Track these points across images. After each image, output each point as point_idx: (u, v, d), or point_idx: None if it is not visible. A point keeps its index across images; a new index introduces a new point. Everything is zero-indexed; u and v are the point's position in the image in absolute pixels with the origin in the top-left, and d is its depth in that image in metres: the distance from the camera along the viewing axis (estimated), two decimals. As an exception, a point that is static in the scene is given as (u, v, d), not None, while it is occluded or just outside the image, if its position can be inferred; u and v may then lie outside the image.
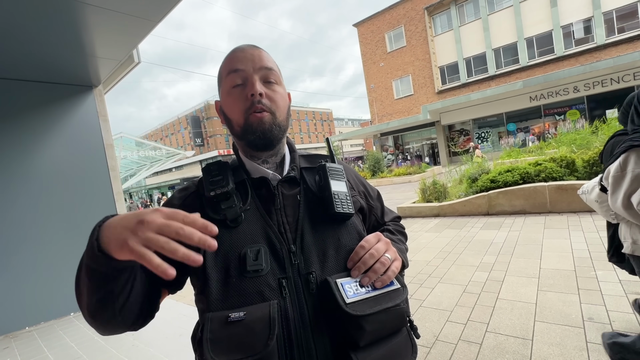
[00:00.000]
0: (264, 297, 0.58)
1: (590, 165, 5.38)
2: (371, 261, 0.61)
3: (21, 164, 3.79)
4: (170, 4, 2.91)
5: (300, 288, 0.61)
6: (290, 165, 0.75)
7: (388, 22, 23.69)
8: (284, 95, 0.72)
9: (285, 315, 0.58)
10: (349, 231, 0.68)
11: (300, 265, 0.62)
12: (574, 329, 2.15)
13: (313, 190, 0.71)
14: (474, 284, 3.09)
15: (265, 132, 0.67)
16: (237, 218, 0.64)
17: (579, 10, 17.02)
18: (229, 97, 0.68)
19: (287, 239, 0.64)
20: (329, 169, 0.72)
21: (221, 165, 0.72)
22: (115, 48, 3.48)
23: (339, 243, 0.65)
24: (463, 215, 6.14)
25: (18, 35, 2.86)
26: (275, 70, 0.71)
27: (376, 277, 0.60)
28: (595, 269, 2.98)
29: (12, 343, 3.33)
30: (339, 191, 0.69)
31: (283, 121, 0.70)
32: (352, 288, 0.59)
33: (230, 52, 0.71)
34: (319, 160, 0.77)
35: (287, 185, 0.71)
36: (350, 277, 0.61)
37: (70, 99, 4.19)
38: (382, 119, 24.85)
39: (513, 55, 19.31)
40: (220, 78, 0.72)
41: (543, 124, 17.74)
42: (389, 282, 0.61)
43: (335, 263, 0.63)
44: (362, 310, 0.55)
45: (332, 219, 0.67)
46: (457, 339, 2.25)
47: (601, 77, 15.43)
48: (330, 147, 0.80)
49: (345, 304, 0.56)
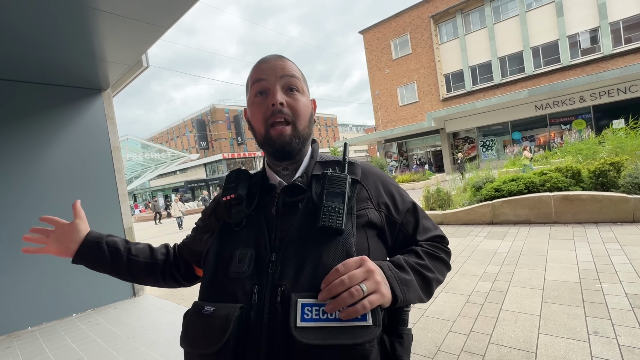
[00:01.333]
0: (237, 298, 0.59)
1: (597, 175, 5.34)
2: (340, 288, 0.52)
3: (29, 164, 3.84)
4: (180, 11, 2.96)
5: (268, 299, 0.58)
6: (302, 172, 0.74)
7: (394, 30, 23.84)
8: (307, 103, 0.73)
9: (247, 322, 0.57)
10: (336, 249, 0.60)
11: (275, 275, 0.60)
12: (578, 342, 2.12)
13: (314, 200, 0.67)
14: (477, 294, 3.06)
15: (284, 145, 0.69)
16: (240, 222, 0.69)
17: (585, 20, 17.01)
18: (252, 106, 0.72)
19: (273, 246, 0.64)
20: (329, 178, 0.67)
21: (239, 173, 0.78)
22: (125, 53, 3.54)
23: (319, 260, 0.59)
24: (467, 223, 6.10)
25: (31, 39, 2.92)
26: (299, 77, 0.72)
27: (341, 307, 0.52)
28: (601, 282, 2.94)
29: (15, 343, 3.35)
30: (332, 204, 0.63)
31: (304, 129, 0.71)
32: (312, 312, 0.53)
33: (256, 63, 0.73)
34: (328, 168, 0.71)
35: (290, 192, 0.70)
36: (316, 300, 0.54)
37: (79, 101, 4.26)
38: (386, 125, 24.88)
39: (519, 64, 19.29)
40: (247, 88, 0.75)
41: (548, 133, 17.64)
42: (357, 316, 0.52)
43: (308, 281, 0.58)
44: (310, 338, 0.50)
45: (320, 233, 0.62)
46: (460, 350, 2.22)
47: (608, 87, 15.35)
48: (345, 153, 0.73)
49: (295, 326, 0.52)
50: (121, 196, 4.47)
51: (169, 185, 48.77)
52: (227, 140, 44.93)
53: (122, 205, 4.46)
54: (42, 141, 3.95)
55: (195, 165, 44.54)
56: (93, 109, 4.35)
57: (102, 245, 0.84)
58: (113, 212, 4.37)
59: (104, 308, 4.13)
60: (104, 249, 0.84)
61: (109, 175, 4.39)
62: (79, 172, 4.14)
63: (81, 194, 4.11)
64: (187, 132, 49.87)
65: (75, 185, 4.07)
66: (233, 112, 46.11)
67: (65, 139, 4.11)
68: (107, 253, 0.84)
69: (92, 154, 4.30)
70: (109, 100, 4.52)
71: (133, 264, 0.86)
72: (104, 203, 4.30)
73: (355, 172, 0.72)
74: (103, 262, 0.84)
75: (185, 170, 46.66)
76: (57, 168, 4.00)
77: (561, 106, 16.79)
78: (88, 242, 0.84)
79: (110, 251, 0.85)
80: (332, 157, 0.78)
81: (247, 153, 45.14)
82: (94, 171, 4.27)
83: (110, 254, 0.84)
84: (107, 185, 4.36)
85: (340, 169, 0.70)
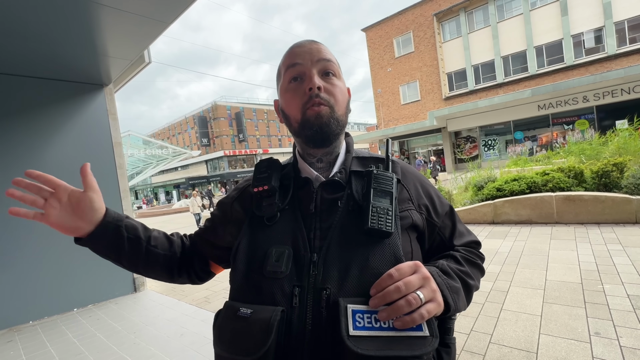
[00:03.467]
0: (275, 300, 0.55)
1: (599, 176, 5.31)
2: (395, 295, 0.49)
3: (31, 159, 3.84)
4: (182, 7, 2.94)
5: (311, 302, 0.55)
6: (340, 167, 0.69)
7: (397, 28, 23.73)
8: (343, 89, 0.69)
9: (288, 326, 0.53)
10: (383, 252, 0.57)
11: (317, 277, 0.56)
12: (580, 343, 2.11)
13: (356, 198, 0.63)
14: (478, 293, 3.06)
15: (322, 126, 0.64)
16: (273, 216, 0.64)
17: (590, 20, 16.89)
18: (287, 92, 0.67)
19: (313, 246, 0.60)
20: (375, 176, 0.63)
21: (271, 163, 0.72)
22: (127, 48, 3.53)
23: (367, 263, 0.56)
24: (468, 223, 6.09)
25: (33, 33, 2.91)
26: (334, 62, 0.68)
27: (396, 316, 0.49)
28: (602, 283, 2.93)
29: (16, 336, 3.36)
30: (380, 205, 0.59)
31: (342, 116, 0.67)
32: (363, 319, 0.50)
33: (289, 48, 0.69)
34: (371, 165, 0.68)
35: (330, 188, 0.66)
36: (367, 306, 0.51)
37: (81, 96, 4.25)
38: (388, 124, 24.82)
39: (522, 64, 19.19)
40: (279, 75, 0.71)
41: (551, 133, 17.57)
42: (413, 326, 0.49)
43: (356, 285, 0.54)
44: (365, 348, 0.47)
45: (366, 235, 0.58)
46: (460, 349, 2.22)
47: (611, 88, 15.25)
48: (388, 150, 0.69)
49: (348, 335, 0.48)
50: (122, 192, 4.47)
51: (170, 182, 48.89)
52: (228, 137, 44.94)
53: (124, 201, 4.47)
54: (44, 136, 3.95)
55: (196, 162, 44.62)
56: (95, 104, 4.34)
57: (122, 231, 0.70)
58: (114, 208, 4.36)
59: (104, 303, 4.15)
60: (123, 235, 0.70)
61: (110, 171, 4.40)
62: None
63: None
64: (189, 128, 49.91)
65: (77, 180, 4.03)
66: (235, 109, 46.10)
67: (67, 134, 4.10)
68: (126, 241, 0.70)
69: (94, 149, 4.30)
70: (111, 96, 4.51)
71: (151, 256, 0.74)
72: (105, 198, 4.26)
73: (396, 171, 0.70)
74: (118, 251, 0.70)
75: (186, 167, 46.75)
76: (59, 163, 4.01)
77: (564, 106, 16.70)
78: (107, 225, 0.68)
79: (130, 239, 0.70)
80: (369, 153, 0.74)
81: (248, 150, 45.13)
82: (95, 166, 4.23)
83: (129, 242, 0.70)
84: (108, 181, 4.36)
85: (384, 167, 0.67)
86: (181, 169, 47.60)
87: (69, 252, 3.96)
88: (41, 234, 3.82)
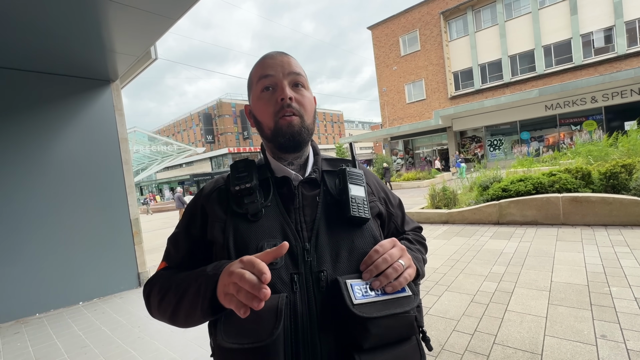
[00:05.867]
0: (276, 289, 0.60)
1: (607, 177, 5.23)
2: (384, 265, 0.61)
3: (39, 154, 3.88)
4: (188, 4, 2.95)
5: (311, 285, 0.62)
6: (313, 167, 0.78)
7: (403, 26, 23.56)
8: (311, 99, 0.76)
9: (294, 309, 0.59)
10: (363, 235, 0.68)
11: (312, 263, 0.64)
12: (585, 345, 2.09)
13: (332, 193, 0.73)
14: (482, 294, 3.04)
15: (294, 135, 0.70)
16: (257, 213, 0.68)
17: (600, 19, 16.63)
18: (259, 101, 0.72)
19: (302, 237, 0.67)
20: (349, 173, 0.74)
21: (248, 163, 0.77)
22: (134, 44, 3.55)
23: (353, 245, 0.66)
24: (472, 223, 6.05)
25: (40, 29, 2.94)
26: (303, 75, 0.75)
27: (387, 282, 0.60)
28: (609, 285, 2.89)
29: (23, 328, 3.41)
30: (357, 195, 0.70)
31: (311, 124, 0.74)
32: (361, 290, 0.59)
33: (260, 59, 0.75)
34: (341, 164, 0.79)
35: (308, 186, 0.74)
36: (360, 280, 0.61)
37: (88, 92, 4.28)
38: (393, 122, 24.71)
39: (529, 63, 18.97)
40: (250, 84, 0.76)
41: (558, 133, 17.37)
42: (400, 288, 0.61)
43: (347, 264, 0.64)
44: (369, 312, 0.56)
45: (348, 222, 0.69)
46: (464, 349, 2.21)
47: (621, 88, 15.03)
48: (352, 151, 0.82)
49: (353, 304, 0.56)
50: (128, 187, 4.50)
51: (175, 178, 49.16)
52: (233, 134, 45.04)
53: (129, 197, 4.50)
54: (51, 131, 3.99)
55: (201, 159, 44.79)
56: (101, 100, 4.38)
57: None
58: (120, 203, 4.41)
59: (110, 297, 4.19)
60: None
61: (116, 166, 4.43)
62: (87, 162, 4.18)
63: (89, 184, 4.15)
64: (194, 125, 50.09)
65: (83, 175, 4.11)
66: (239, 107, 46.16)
67: (73, 129, 4.14)
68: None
69: (100, 144, 4.33)
70: (117, 92, 4.54)
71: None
72: (111, 194, 4.34)
73: (363, 169, 0.82)
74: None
75: (191, 164, 46.95)
76: (66, 158, 4.04)
77: (572, 106, 16.50)
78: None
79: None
80: (333, 156, 0.85)
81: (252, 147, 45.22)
82: (101, 162, 4.31)
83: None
84: (114, 176, 4.40)
85: (352, 166, 0.79)
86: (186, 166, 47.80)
87: (75, 247, 4.01)
88: (48, 229, 3.87)
